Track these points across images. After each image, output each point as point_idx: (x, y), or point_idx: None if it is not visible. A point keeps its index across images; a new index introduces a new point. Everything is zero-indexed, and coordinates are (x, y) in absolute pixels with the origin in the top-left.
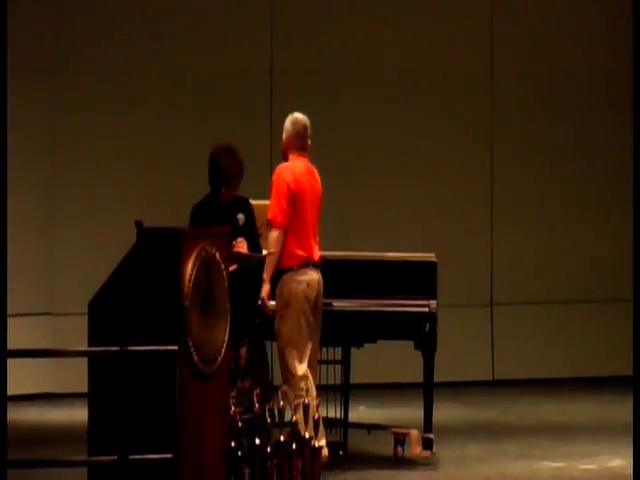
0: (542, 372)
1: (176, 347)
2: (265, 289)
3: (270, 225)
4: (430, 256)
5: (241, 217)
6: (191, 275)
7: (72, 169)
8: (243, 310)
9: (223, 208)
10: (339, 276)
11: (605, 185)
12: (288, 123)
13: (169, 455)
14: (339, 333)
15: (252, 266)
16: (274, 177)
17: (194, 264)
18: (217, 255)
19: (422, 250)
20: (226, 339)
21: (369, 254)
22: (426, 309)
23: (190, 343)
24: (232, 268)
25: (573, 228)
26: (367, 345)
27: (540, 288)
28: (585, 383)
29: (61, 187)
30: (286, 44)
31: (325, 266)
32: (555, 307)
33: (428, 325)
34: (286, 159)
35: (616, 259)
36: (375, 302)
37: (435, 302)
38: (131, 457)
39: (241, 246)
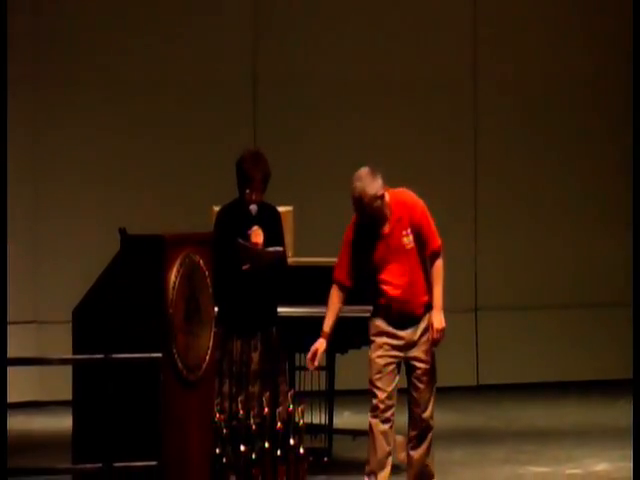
0: (526, 376)
1: (160, 354)
2: None
3: (441, 254)
4: None
5: (253, 207)
6: (175, 282)
7: (55, 178)
8: (258, 313)
9: (249, 213)
10: (323, 282)
11: (590, 188)
12: None
13: (154, 462)
14: None
15: (264, 264)
16: (425, 208)
17: (178, 271)
18: (201, 262)
19: None
20: (210, 346)
21: None
22: None
23: (174, 350)
24: (245, 268)
25: (557, 232)
26: (351, 351)
27: (524, 293)
28: (570, 387)
29: (44, 196)
30: (269, 51)
31: (309, 272)
32: (539, 311)
33: None
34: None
35: (601, 263)
36: (359, 308)
37: None
38: (116, 464)
39: (257, 234)
